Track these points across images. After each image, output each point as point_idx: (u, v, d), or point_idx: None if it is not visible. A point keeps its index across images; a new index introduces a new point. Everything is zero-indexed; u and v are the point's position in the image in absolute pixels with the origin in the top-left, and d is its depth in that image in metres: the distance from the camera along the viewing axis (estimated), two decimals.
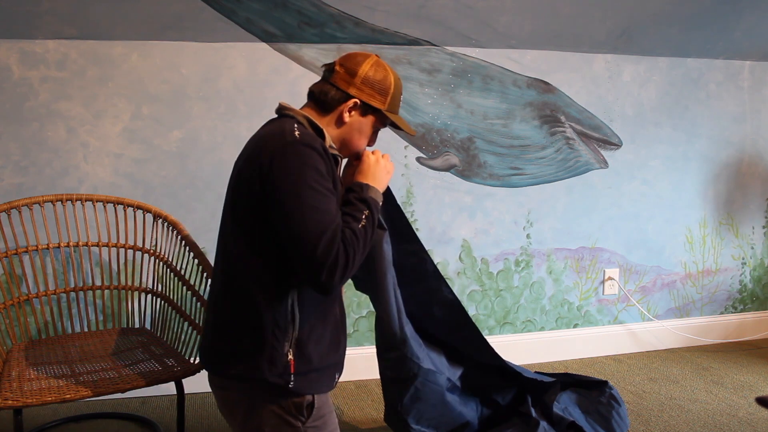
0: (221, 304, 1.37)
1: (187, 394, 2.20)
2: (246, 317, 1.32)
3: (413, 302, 1.89)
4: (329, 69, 1.45)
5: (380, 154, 1.48)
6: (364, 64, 1.42)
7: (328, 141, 1.41)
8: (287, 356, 1.31)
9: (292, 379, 1.32)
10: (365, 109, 1.43)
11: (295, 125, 1.33)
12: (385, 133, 2.76)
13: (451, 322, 1.98)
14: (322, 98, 1.42)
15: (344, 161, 1.56)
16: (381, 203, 1.42)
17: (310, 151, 1.28)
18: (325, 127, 1.41)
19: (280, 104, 1.45)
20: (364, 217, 1.33)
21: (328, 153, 1.33)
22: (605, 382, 2.22)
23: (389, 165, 1.48)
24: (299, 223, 1.23)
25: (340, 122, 1.42)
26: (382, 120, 1.47)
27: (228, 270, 1.36)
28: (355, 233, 1.28)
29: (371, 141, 1.51)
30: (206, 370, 1.43)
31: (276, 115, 1.46)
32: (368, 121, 1.45)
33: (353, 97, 1.41)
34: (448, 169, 2.91)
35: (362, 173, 1.43)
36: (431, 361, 1.91)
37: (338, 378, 1.46)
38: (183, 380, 1.93)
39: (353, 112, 1.42)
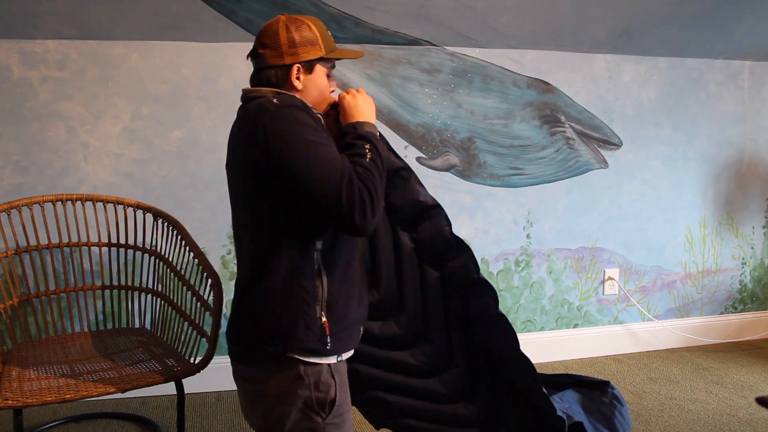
0: (249, 292, 1.38)
1: (187, 394, 2.20)
2: (275, 293, 1.33)
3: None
4: (254, 56, 1.43)
5: (354, 91, 1.47)
6: (281, 32, 1.39)
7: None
8: (321, 319, 1.34)
9: (329, 341, 1.34)
10: (308, 65, 1.42)
11: (269, 98, 1.34)
12: (385, 133, 2.77)
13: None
14: (267, 83, 1.41)
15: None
16: (378, 134, 1.43)
17: (296, 110, 1.30)
18: None
19: (244, 90, 1.44)
20: (367, 150, 1.34)
21: (311, 109, 1.36)
22: (607, 383, 2.22)
23: (368, 97, 1.47)
24: (316, 180, 1.25)
25: (294, 90, 1.41)
26: (328, 63, 1.47)
27: (250, 256, 1.37)
28: (366, 168, 1.30)
29: (331, 85, 1.49)
30: (236, 360, 1.42)
31: (242, 102, 1.45)
32: (318, 73, 1.44)
33: (293, 64, 1.39)
34: (448, 169, 2.91)
35: (347, 115, 1.43)
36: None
37: (361, 331, 1.49)
38: (183, 380, 1.93)
39: (301, 76, 1.41)
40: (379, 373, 1.73)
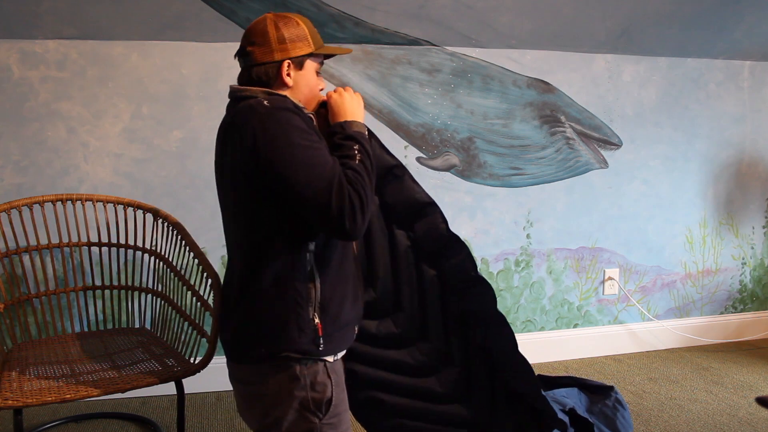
0: (242, 293, 1.37)
1: (187, 394, 2.20)
2: (267, 294, 1.33)
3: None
4: (242, 54, 1.43)
5: (341, 89, 1.47)
6: (269, 28, 1.39)
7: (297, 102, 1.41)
8: (314, 320, 1.34)
9: (322, 342, 1.34)
10: (298, 61, 1.41)
11: (259, 98, 1.33)
12: (385, 133, 2.78)
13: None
14: (257, 80, 1.40)
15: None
16: (366, 133, 1.43)
17: (287, 113, 1.29)
18: None
19: (231, 87, 1.43)
20: (356, 151, 1.34)
21: (302, 110, 1.35)
22: (611, 387, 2.22)
23: (356, 96, 1.47)
24: (305, 186, 1.25)
25: (284, 87, 1.41)
26: (317, 60, 1.46)
27: (243, 259, 1.37)
28: (356, 170, 1.30)
29: (320, 83, 1.49)
30: (231, 360, 1.42)
31: (229, 100, 1.44)
32: (307, 69, 1.43)
33: (283, 60, 1.39)
34: (448, 169, 2.91)
35: (335, 114, 1.43)
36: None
37: (356, 331, 1.49)
38: (183, 380, 1.93)
39: (291, 72, 1.40)
40: (375, 373, 1.71)
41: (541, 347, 3.06)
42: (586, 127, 3.05)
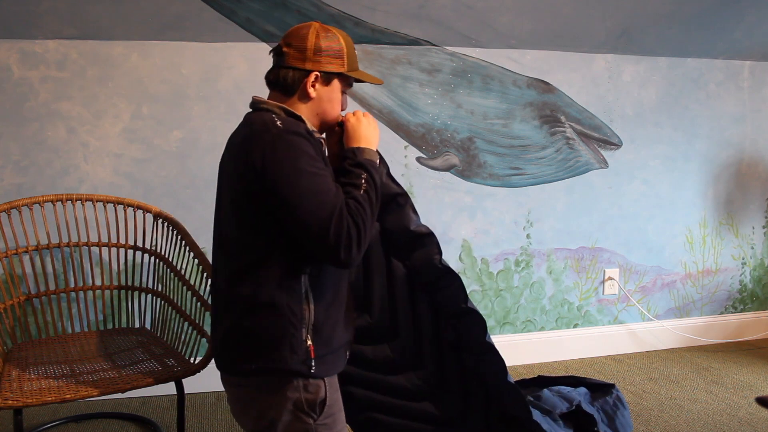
0: (231, 303, 1.37)
1: (187, 394, 2.20)
2: (261, 311, 1.32)
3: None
4: (278, 53, 1.43)
5: (360, 113, 1.47)
6: (310, 36, 1.39)
7: (309, 126, 1.41)
8: (306, 342, 1.33)
9: (313, 364, 1.34)
10: (327, 77, 1.41)
11: (274, 116, 1.34)
12: (385, 133, 2.78)
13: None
14: (282, 83, 1.40)
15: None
16: (378, 161, 1.43)
17: (297, 138, 1.29)
18: (297, 110, 1.41)
19: (254, 98, 1.45)
20: (363, 181, 1.34)
21: (313, 135, 1.35)
22: (612, 385, 2.22)
23: (372, 121, 1.47)
24: (306, 212, 1.25)
25: (307, 98, 1.41)
26: (346, 82, 1.46)
27: (234, 268, 1.36)
28: (358, 201, 1.31)
29: (343, 105, 1.49)
30: (222, 371, 1.42)
31: (251, 110, 1.45)
32: (334, 87, 1.43)
33: (312, 71, 1.39)
34: (448, 169, 2.91)
35: (349, 138, 1.43)
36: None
37: (348, 355, 1.48)
38: (183, 380, 1.93)
39: (317, 85, 1.40)
40: (373, 396, 1.72)
41: (541, 347, 3.06)
42: (586, 127, 3.05)
